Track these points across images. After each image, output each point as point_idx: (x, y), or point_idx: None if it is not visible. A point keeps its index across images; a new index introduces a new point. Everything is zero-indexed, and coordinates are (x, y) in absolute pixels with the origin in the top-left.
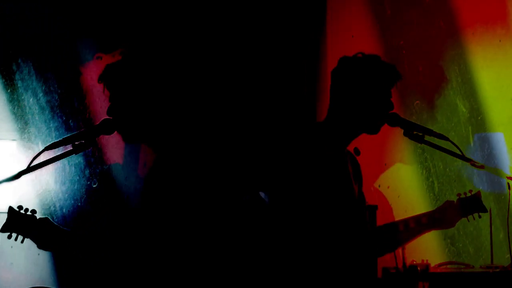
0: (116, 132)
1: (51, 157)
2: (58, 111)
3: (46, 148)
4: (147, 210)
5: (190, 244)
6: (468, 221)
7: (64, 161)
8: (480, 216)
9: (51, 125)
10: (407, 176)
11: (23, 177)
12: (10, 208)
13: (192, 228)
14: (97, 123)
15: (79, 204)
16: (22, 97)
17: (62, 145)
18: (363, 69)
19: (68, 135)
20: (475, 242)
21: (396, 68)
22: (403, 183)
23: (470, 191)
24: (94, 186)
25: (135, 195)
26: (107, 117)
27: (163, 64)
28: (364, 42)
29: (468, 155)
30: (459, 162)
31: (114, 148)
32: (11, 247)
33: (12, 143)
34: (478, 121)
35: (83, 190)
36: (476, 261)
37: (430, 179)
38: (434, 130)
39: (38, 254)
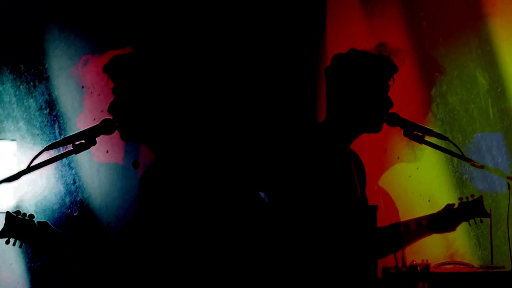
0: (115, 131)
1: (51, 157)
2: (58, 111)
3: (46, 148)
4: (144, 209)
5: (187, 245)
6: (470, 225)
7: (45, 187)
8: (482, 221)
9: (51, 125)
10: (426, 149)
11: (23, 177)
12: (8, 213)
13: (190, 229)
14: (97, 123)
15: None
16: (22, 97)
17: (62, 145)
18: (357, 65)
19: (68, 135)
20: (493, 214)
21: (391, 60)
22: (422, 156)
23: (472, 195)
24: (74, 214)
25: (116, 222)
26: (108, 117)
27: (167, 63)
28: (384, 14)
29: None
30: (478, 133)
31: (114, 148)
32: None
33: (12, 143)
34: (498, 93)
35: (63, 218)
36: (494, 233)
37: None
38: (433, 130)
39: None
